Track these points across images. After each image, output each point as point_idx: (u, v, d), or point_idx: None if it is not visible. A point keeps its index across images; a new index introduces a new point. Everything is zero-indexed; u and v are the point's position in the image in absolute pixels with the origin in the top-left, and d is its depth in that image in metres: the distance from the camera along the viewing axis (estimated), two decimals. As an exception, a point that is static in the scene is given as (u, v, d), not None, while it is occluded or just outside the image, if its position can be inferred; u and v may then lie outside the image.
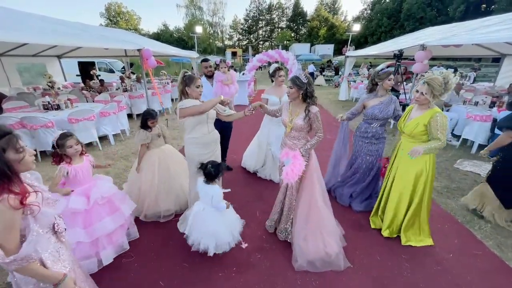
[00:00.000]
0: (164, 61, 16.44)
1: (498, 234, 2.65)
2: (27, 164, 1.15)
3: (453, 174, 3.96)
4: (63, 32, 5.17)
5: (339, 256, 2.20)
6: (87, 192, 2.06)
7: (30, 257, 1.07)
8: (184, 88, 2.31)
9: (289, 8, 51.16)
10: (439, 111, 2.14)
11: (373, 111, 2.76)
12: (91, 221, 2.04)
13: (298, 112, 2.17)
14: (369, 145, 2.88)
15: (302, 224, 2.23)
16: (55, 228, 1.27)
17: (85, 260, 2.02)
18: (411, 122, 2.27)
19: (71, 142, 1.98)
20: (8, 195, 1.03)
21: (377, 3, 42.38)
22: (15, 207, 1.03)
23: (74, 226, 1.96)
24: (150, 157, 2.80)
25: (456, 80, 2.10)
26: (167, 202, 2.83)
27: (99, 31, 7.48)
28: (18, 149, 1.10)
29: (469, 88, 7.99)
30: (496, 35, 4.33)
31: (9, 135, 1.09)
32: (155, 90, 7.17)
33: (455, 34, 5.35)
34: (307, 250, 2.19)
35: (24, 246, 1.06)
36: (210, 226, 2.12)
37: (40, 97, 6.55)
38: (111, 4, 45.50)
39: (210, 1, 46.28)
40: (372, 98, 2.83)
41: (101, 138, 5.26)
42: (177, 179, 2.91)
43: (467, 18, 8.66)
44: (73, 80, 11.29)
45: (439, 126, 2.10)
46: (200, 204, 2.21)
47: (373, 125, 2.83)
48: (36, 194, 1.17)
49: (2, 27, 3.90)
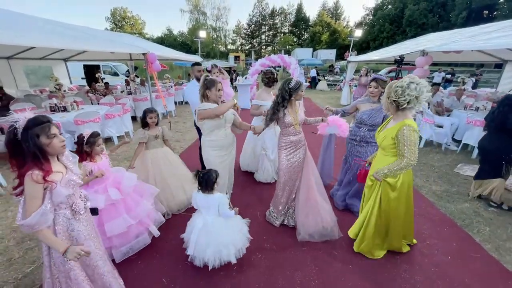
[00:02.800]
0: (168, 65, 16.66)
1: (496, 237, 2.67)
2: (55, 148, 1.38)
3: (453, 179, 3.99)
4: (71, 36, 5.31)
5: (333, 229, 2.57)
6: (117, 185, 2.26)
7: (35, 225, 1.30)
8: (205, 91, 2.42)
9: (292, 14, 51.65)
10: (408, 123, 1.89)
11: (362, 116, 2.81)
12: (130, 207, 2.29)
13: (296, 110, 2.51)
14: (358, 147, 2.91)
15: (303, 203, 2.57)
16: (73, 207, 1.49)
17: (139, 237, 2.37)
18: (382, 132, 2.13)
19: (100, 141, 2.19)
20: (33, 171, 1.28)
21: (379, 9, 42.72)
22: (37, 181, 1.28)
23: (121, 214, 2.21)
24: (144, 157, 2.89)
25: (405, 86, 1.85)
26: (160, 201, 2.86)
27: (105, 35, 7.65)
28: (49, 135, 1.35)
29: (470, 94, 8.02)
30: (496, 41, 4.40)
31: (44, 123, 1.34)
32: (159, 93, 7.28)
33: (455, 40, 5.42)
34: (308, 224, 2.56)
35: (32, 216, 1.29)
36: (227, 236, 2.08)
37: (46, 99, 6.68)
38: (117, 9, 46.26)
39: (214, 6, 46.86)
40: (365, 102, 2.87)
41: (106, 140, 5.35)
42: (170, 180, 2.94)
43: (469, 25, 8.74)
44: (79, 83, 11.47)
45: (405, 141, 1.89)
46: (201, 217, 2.11)
47: (362, 129, 2.86)
48: (62, 175, 1.42)
49: (11, 30, 4.03)
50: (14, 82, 7.97)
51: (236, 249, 2.13)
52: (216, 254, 2.05)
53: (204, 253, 2.05)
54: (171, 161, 3.03)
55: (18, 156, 1.32)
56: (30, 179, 1.28)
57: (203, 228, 2.06)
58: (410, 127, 1.88)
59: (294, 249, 2.48)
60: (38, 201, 1.32)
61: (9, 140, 1.31)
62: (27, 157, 1.31)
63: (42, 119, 1.36)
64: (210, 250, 2.04)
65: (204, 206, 2.11)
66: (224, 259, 2.08)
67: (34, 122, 1.32)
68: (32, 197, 1.31)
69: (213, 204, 2.05)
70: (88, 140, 2.11)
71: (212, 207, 2.07)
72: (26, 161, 1.31)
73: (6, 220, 2.91)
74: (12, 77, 7.96)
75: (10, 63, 7.84)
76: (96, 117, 4.90)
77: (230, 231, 2.11)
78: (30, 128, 1.30)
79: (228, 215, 2.08)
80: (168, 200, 2.93)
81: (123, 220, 2.20)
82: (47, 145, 1.35)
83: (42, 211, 1.32)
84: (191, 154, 4.90)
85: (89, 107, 6.06)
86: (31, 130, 1.30)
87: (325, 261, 2.34)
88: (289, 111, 2.48)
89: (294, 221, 2.74)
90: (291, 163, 2.56)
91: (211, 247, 2.04)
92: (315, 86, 17.01)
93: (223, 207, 2.05)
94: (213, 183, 2.07)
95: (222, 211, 2.05)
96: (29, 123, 1.31)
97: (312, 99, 12.34)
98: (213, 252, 2.05)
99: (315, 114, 9.47)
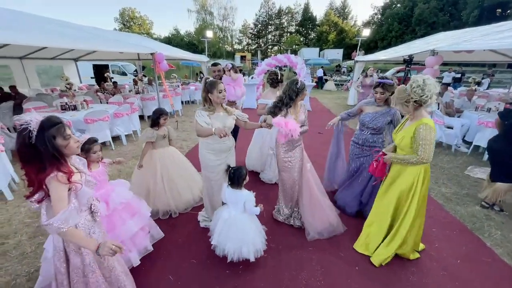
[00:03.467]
0: (175, 65, 16.82)
1: (508, 242, 2.61)
2: (72, 149, 1.36)
3: (463, 181, 3.90)
4: (81, 36, 5.42)
5: (339, 223, 2.67)
6: (106, 198, 2.05)
7: (64, 223, 1.26)
8: (207, 95, 2.31)
9: (299, 13, 51.33)
10: (426, 121, 1.91)
11: (364, 118, 2.73)
12: (114, 225, 2.06)
13: (298, 110, 2.51)
14: (360, 150, 2.84)
15: (308, 204, 2.61)
16: (92, 208, 1.49)
17: None
18: (401, 133, 2.13)
19: (97, 147, 2.05)
20: (57, 173, 1.25)
21: (387, 8, 42.04)
22: (63, 182, 1.26)
23: None
24: (152, 156, 2.90)
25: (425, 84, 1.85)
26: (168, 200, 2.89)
27: (114, 36, 7.78)
28: (65, 136, 1.31)
29: (482, 94, 7.83)
30: (509, 41, 4.28)
31: (58, 125, 1.30)
32: (166, 92, 7.35)
33: (466, 40, 5.30)
34: (315, 223, 2.60)
35: (60, 213, 1.25)
36: (249, 234, 2.14)
37: (57, 98, 6.83)
38: (125, 9, 46.92)
39: (220, 6, 47.01)
40: (370, 104, 2.77)
41: (114, 138, 5.44)
42: (177, 180, 2.97)
43: (482, 23, 8.49)
44: (88, 82, 11.70)
45: (421, 139, 1.90)
46: (228, 210, 2.20)
47: (364, 132, 2.78)
48: (81, 175, 1.41)
49: (25, 31, 4.14)
50: (26, 82, 8.19)
51: (255, 248, 2.16)
52: (236, 249, 2.12)
53: (225, 245, 2.13)
54: (178, 160, 3.06)
55: (34, 161, 1.24)
56: (56, 181, 1.24)
57: (227, 220, 2.14)
58: (427, 125, 1.90)
59: (300, 249, 2.47)
60: (65, 202, 1.29)
61: (23, 144, 1.22)
62: (45, 160, 1.24)
63: (56, 120, 1.30)
64: (230, 244, 2.11)
65: (232, 201, 2.18)
66: (243, 255, 2.13)
67: (49, 123, 1.26)
68: (61, 199, 1.28)
69: (240, 200, 2.12)
70: (83, 147, 1.97)
71: (238, 203, 2.13)
72: (44, 165, 1.24)
73: (19, 215, 2.99)
74: (25, 77, 8.18)
75: (23, 63, 8.06)
76: (105, 116, 4.99)
77: (251, 230, 2.17)
78: (46, 130, 1.24)
79: (253, 212, 2.15)
80: (175, 200, 2.95)
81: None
82: (65, 146, 1.31)
83: (70, 209, 1.29)
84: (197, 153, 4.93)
85: (98, 106, 6.17)
86: (47, 131, 1.24)
87: (331, 261, 2.32)
88: (291, 111, 2.50)
89: (300, 222, 2.74)
90: (289, 160, 2.59)
91: (232, 240, 2.11)
92: (322, 86, 16.88)
93: (249, 204, 2.12)
94: (243, 180, 2.15)
95: (248, 207, 2.12)
96: (44, 125, 1.25)
97: (318, 99, 12.26)
98: (233, 246, 2.12)
99: (321, 114, 9.44)
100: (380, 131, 2.72)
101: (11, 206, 3.17)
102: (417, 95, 1.87)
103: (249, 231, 2.15)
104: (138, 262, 2.16)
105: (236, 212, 2.15)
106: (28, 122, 1.23)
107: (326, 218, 2.63)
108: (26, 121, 1.23)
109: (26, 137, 1.22)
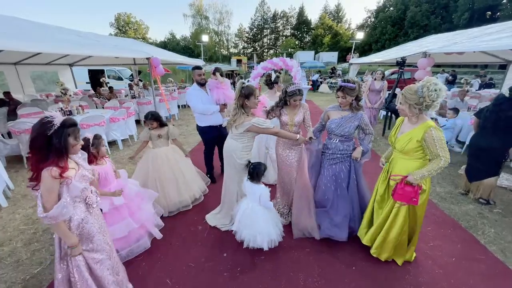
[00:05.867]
0: (171, 69, 16.80)
1: (502, 239, 2.65)
2: (76, 150, 1.53)
3: (457, 180, 3.96)
4: (77, 42, 5.41)
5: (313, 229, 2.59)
6: None
7: (57, 217, 1.40)
8: (244, 102, 2.34)
9: (294, 17, 51.91)
10: (432, 124, 1.89)
11: (330, 125, 2.51)
12: (134, 210, 2.40)
13: (295, 112, 2.57)
14: (332, 157, 2.55)
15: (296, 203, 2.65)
16: (86, 200, 1.59)
17: (139, 241, 2.42)
18: (403, 136, 2.02)
19: (104, 142, 2.28)
20: (52, 168, 1.37)
21: (381, 11, 42.74)
22: (54, 176, 1.37)
23: (125, 218, 2.29)
24: (146, 156, 3.02)
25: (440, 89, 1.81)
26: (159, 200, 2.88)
27: (110, 41, 7.78)
28: (77, 137, 1.49)
29: (474, 95, 7.98)
30: (498, 42, 4.38)
31: (75, 126, 1.48)
32: (163, 97, 7.35)
33: (457, 42, 5.42)
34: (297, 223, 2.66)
35: (54, 208, 1.38)
36: (263, 225, 2.30)
37: (52, 103, 6.80)
38: (121, 14, 46.99)
39: (216, 11, 47.38)
40: (335, 110, 2.55)
41: (110, 143, 5.42)
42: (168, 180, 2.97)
43: (472, 26, 8.71)
44: (83, 87, 11.65)
45: (436, 141, 1.85)
46: (247, 201, 2.38)
47: (332, 140, 2.55)
48: (76, 170, 1.53)
49: (19, 37, 4.12)
50: (21, 87, 8.13)
51: (270, 238, 2.32)
52: (252, 237, 2.31)
53: (242, 232, 2.36)
54: (172, 160, 3.04)
55: (42, 150, 1.38)
56: (49, 175, 1.36)
57: (245, 210, 2.33)
58: (435, 128, 1.87)
59: (297, 250, 2.49)
60: (55, 195, 1.42)
61: (42, 133, 1.36)
62: (52, 153, 1.38)
63: (75, 122, 1.49)
64: (246, 231, 2.33)
65: (250, 193, 2.36)
66: (257, 243, 2.30)
67: (70, 122, 1.44)
68: (50, 191, 1.40)
69: (256, 193, 2.28)
70: (93, 142, 2.17)
71: (255, 196, 2.30)
72: (49, 156, 1.38)
73: (14, 222, 2.96)
74: (19, 82, 8.12)
75: (17, 69, 8.00)
76: (101, 120, 4.98)
77: (265, 221, 2.32)
78: (67, 127, 1.41)
79: (267, 206, 2.32)
80: (166, 200, 2.97)
81: (126, 224, 2.27)
82: (73, 146, 1.47)
83: (64, 204, 1.41)
84: (194, 157, 4.94)
85: (94, 111, 6.14)
86: (66, 129, 1.41)
87: (328, 262, 2.34)
88: (286, 111, 2.59)
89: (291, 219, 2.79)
90: (285, 160, 2.65)
91: (247, 229, 2.32)
92: (317, 88, 17.19)
93: (264, 198, 2.28)
94: (261, 175, 2.32)
95: (263, 201, 2.29)
96: (66, 122, 1.42)
97: (314, 102, 12.37)
98: (249, 234, 2.32)
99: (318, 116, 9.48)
100: (349, 137, 2.51)
101: (5, 213, 3.14)
102: (431, 100, 1.82)
103: (263, 222, 2.30)
104: (161, 235, 2.62)
105: (253, 204, 2.32)
106: (54, 116, 1.38)
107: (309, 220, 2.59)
108: (52, 115, 1.38)
109: (48, 128, 1.35)
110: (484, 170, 3.24)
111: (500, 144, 3.08)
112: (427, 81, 1.83)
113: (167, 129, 3.04)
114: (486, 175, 3.23)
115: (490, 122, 3.14)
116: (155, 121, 2.95)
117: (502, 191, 3.62)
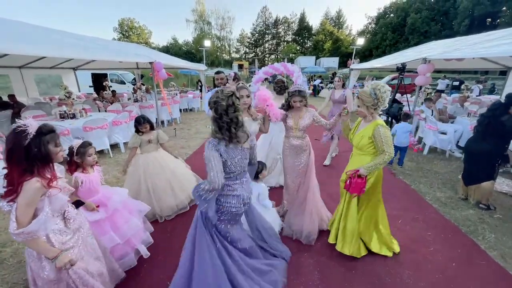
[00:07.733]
0: (173, 73, 16.94)
1: (502, 244, 2.65)
2: (59, 157, 1.44)
3: (457, 185, 3.96)
4: (81, 46, 5.51)
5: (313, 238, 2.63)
6: (104, 201, 2.13)
7: (35, 233, 1.28)
8: None
9: (295, 23, 52.54)
10: (381, 123, 2.12)
11: None
12: (118, 224, 2.14)
13: (301, 116, 2.56)
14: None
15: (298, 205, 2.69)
16: (65, 214, 1.50)
17: (124, 258, 2.18)
18: (358, 134, 2.28)
19: (92, 150, 2.08)
20: (37, 179, 1.28)
21: (381, 17, 43.23)
22: (40, 188, 1.28)
23: (107, 232, 2.06)
24: (136, 162, 2.96)
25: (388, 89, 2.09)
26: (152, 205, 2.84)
27: (113, 45, 7.90)
28: (57, 144, 1.40)
29: (474, 101, 8.01)
30: (497, 49, 4.43)
31: (53, 132, 1.39)
32: (165, 100, 7.43)
33: (457, 48, 5.47)
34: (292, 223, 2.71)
35: (33, 223, 1.27)
36: None
37: (56, 106, 6.86)
38: (124, 19, 47.70)
39: (218, 16, 48.07)
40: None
41: (112, 146, 5.46)
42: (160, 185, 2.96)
43: (472, 32, 8.78)
44: (87, 91, 11.76)
45: (382, 138, 2.07)
46: None
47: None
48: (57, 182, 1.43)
49: (25, 41, 4.20)
50: (25, 90, 8.23)
51: None
52: None
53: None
54: (163, 165, 3.02)
55: (22, 162, 1.26)
56: (33, 187, 1.26)
57: None
58: (383, 125, 2.11)
59: (297, 254, 2.48)
60: (33, 209, 1.30)
61: (17, 144, 1.25)
62: (34, 164, 1.28)
63: (52, 128, 1.37)
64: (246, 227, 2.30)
65: None
66: None
67: (46, 129, 1.32)
68: (29, 205, 1.28)
69: (255, 191, 2.31)
70: (78, 150, 2.01)
71: (254, 194, 2.29)
72: (31, 168, 1.28)
73: (16, 224, 2.98)
74: (24, 86, 8.23)
75: (22, 72, 8.12)
76: (103, 124, 5.03)
77: None
78: (44, 134, 1.30)
79: (264, 204, 2.43)
80: (160, 204, 2.96)
81: (109, 239, 2.04)
82: (55, 153, 1.38)
83: (44, 218, 1.30)
84: (195, 161, 4.97)
85: (97, 114, 6.21)
86: (44, 136, 1.30)
87: (328, 266, 2.35)
88: (292, 115, 2.60)
89: None
90: (292, 164, 2.65)
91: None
92: (318, 92, 17.46)
93: (262, 197, 2.39)
94: (258, 174, 2.41)
95: (261, 199, 2.39)
96: (42, 129, 1.30)
97: (316, 106, 12.41)
98: None
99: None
100: None
101: (8, 214, 3.16)
102: (383, 100, 2.09)
103: None
104: (148, 253, 2.33)
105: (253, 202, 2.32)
106: (27, 125, 1.27)
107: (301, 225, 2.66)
108: (24, 124, 1.28)
109: (23, 138, 1.25)
110: (478, 173, 3.28)
111: (489, 148, 3.14)
112: (376, 84, 2.11)
113: (156, 134, 2.99)
114: (481, 178, 3.26)
115: (482, 126, 3.21)
116: (148, 123, 2.92)
117: (503, 196, 3.62)
